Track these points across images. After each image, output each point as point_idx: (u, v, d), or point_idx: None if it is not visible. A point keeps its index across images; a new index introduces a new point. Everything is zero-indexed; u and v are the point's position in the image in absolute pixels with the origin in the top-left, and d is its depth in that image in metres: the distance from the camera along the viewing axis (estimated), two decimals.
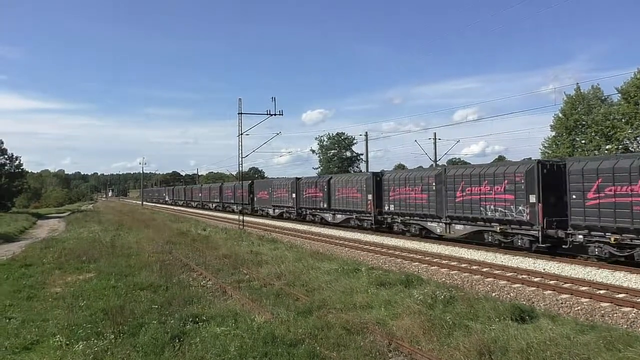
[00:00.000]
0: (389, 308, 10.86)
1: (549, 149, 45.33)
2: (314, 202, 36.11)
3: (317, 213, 36.15)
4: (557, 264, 17.02)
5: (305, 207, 37.96)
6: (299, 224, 37.37)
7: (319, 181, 35.53)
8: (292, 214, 40.15)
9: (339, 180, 32.81)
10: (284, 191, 41.37)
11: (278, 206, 43.10)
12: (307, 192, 37.18)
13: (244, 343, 8.50)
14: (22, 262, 19.60)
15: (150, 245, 23.22)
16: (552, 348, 7.84)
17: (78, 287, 14.40)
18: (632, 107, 38.01)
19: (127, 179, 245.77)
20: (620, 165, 15.65)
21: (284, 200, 41.49)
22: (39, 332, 9.90)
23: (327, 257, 18.63)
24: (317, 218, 36.36)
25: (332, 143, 78.13)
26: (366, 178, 29.19)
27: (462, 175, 21.79)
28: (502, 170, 19.85)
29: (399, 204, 26.08)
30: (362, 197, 29.31)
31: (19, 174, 68.29)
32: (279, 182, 43.28)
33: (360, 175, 32.00)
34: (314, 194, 35.94)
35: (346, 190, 31.23)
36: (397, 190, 26.20)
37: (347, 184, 31.22)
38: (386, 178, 27.55)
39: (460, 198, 21.71)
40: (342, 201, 31.80)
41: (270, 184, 45.47)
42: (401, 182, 26.00)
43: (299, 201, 38.65)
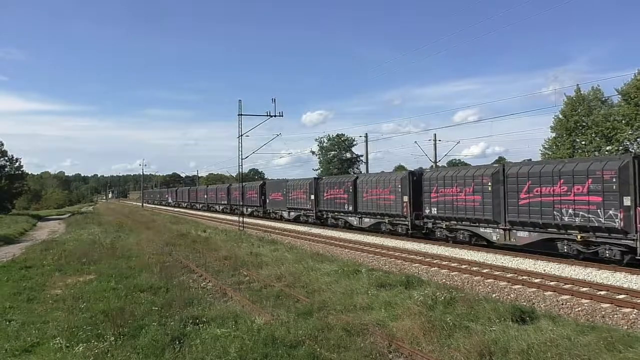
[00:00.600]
0: (389, 309, 10.86)
1: (549, 150, 45.35)
2: (336, 205, 33.00)
3: (341, 216, 33.01)
4: (557, 265, 17.01)
5: (326, 209, 34.77)
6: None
7: (343, 181, 32.37)
8: (311, 217, 36.95)
9: (367, 180, 29.61)
10: (301, 192, 38.05)
11: (294, 209, 39.82)
12: (328, 194, 34.04)
13: (244, 345, 8.50)
14: (22, 264, 19.60)
15: (150, 247, 23.23)
16: (552, 349, 7.83)
17: (78, 289, 14.40)
18: (632, 109, 38.03)
19: (127, 180, 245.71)
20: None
21: (301, 202, 38.19)
22: (39, 334, 9.90)
23: (327, 259, 18.63)
24: (340, 222, 33.27)
25: (332, 144, 78.15)
26: (401, 177, 26.27)
27: (528, 173, 18.69)
28: (585, 167, 16.83)
29: (443, 207, 22.97)
30: (395, 199, 26.31)
31: (19, 175, 68.27)
32: (296, 183, 39.74)
33: (393, 174, 28.94)
34: (336, 196, 32.83)
35: (376, 191, 28.08)
36: (440, 191, 23.09)
37: (378, 184, 28.06)
38: (427, 177, 24.46)
39: (526, 200, 18.61)
40: (371, 203, 28.75)
41: (284, 184, 41.96)
42: (447, 181, 22.81)
43: (319, 203, 35.52)
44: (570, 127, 42.99)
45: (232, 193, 57.45)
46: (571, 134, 43.17)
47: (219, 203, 63.83)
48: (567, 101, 43.69)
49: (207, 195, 69.59)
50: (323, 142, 78.50)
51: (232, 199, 57.37)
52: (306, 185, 37.29)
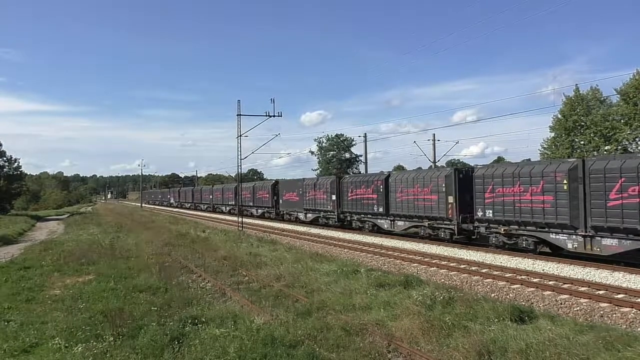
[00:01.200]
0: (388, 309, 10.86)
1: (548, 149, 45.36)
2: (363, 206, 29.62)
3: (368, 219, 29.66)
4: (556, 265, 17.02)
5: (350, 211, 31.29)
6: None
7: (372, 180, 28.88)
8: (332, 219, 33.60)
9: (403, 179, 26.20)
10: (321, 192, 34.66)
11: (312, 210, 36.40)
12: (353, 194, 30.60)
13: (244, 344, 8.50)
14: (21, 264, 19.60)
15: (149, 247, 23.22)
16: (551, 348, 7.84)
17: (77, 289, 14.39)
18: (631, 108, 38.06)
19: (126, 181, 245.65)
20: None
21: (321, 202, 34.79)
22: (37, 335, 9.90)
23: (326, 259, 18.64)
24: (366, 225, 29.98)
25: (331, 144, 78.10)
26: (446, 175, 23.08)
27: (620, 169, 15.64)
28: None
29: (500, 209, 19.80)
30: (438, 200, 23.32)
31: (18, 176, 68.28)
32: (314, 182, 36.43)
33: (435, 171, 25.48)
34: (363, 196, 29.49)
35: (414, 191, 24.94)
36: (498, 190, 19.89)
37: (416, 183, 24.92)
38: (479, 175, 21.00)
39: (617, 202, 15.63)
40: (407, 204, 25.49)
41: (301, 184, 38.45)
42: (506, 179, 19.56)
43: (342, 204, 32.13)
44: (569, 126, 43.00)
45: (241, 193, 54.80)
46: (570, 133, 43.18)
47: (225, 204, 60.42)
48: (566, 101, 43.72)
49: (213, 196, 66.13)
50: (322, 142, 78.49)
51: (241, 200, 54.74)
52: (327, 185, 33.96)
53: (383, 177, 28.06)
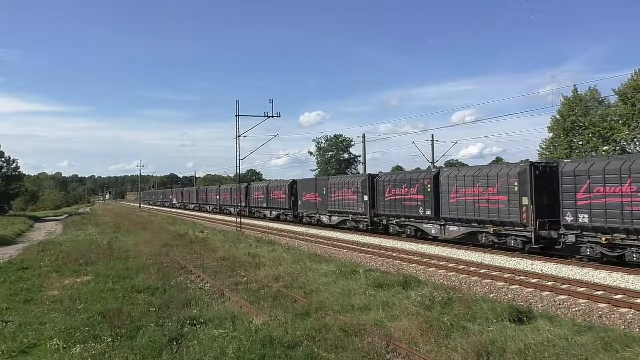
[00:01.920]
0: (387, 310, 10.86)
1: (546, 150, 45.43)
2: (405, 208, 25.95)
3: (411, 223, 25.93)
4: (554, 265, 17.04)
5: (387, 214, 27.61)
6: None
7: (418, 178, 25.25)
8: (363, 222, 30.03)
9: (458, 176, 22.44)
10: (350, 193, 31.05)
11: (338, 212, 32.82)
12: (392, 194, 26.90)
13: (242, 345, 8.49)
14: (20, 265, 19.57)
15: (148, 248, 23.20)
16: (550, 349, 7.85)
17: (75, 290, 14.38)
18: (629, 109, 38.13)
19: (125, 181, 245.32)
20: None
21: (349, 204, 31.21)
22: (36, 336, 9.89)
23: (325, 259, 18.63)
24: (409, 230, 26.29)
25: (330, 145, 78.26)
26: (519, 172, 19.29)
27: None
28: None
29: (601, 213, 16.27)
30: (508, 201, 19.64)
31: (17, 176, 68.23)
32: (341, 181, 32.88)
33: (503, 167, 21.03)
34: (405, 197, 25.80)
35: (474, 191, 21.27)
36: (597, 190, 16.38)
37: (477, 182, 21.14)
38: (568, 171, 17.41)
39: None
40: (465, 207, 21.78)
41: (325, 183, 34.89)
42: (610, 176, 16.05)
43: (377, 206, 28.43)
44: (567, 127, 43.06)
45: (253, 194, 49.90)
46: (568, 134, 43.24)
47: (235, 205, 54.19)
48: (564, 101, 43.79)
49: (220, 197, 61.61)
50: (321, 143, 78.64)
51: (253, 201, 49.71)
52: (357, 184, 30.38)
53: (432, 174, 24.50)
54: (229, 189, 57.77)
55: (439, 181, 23.65)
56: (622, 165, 15.94)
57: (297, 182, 40.85)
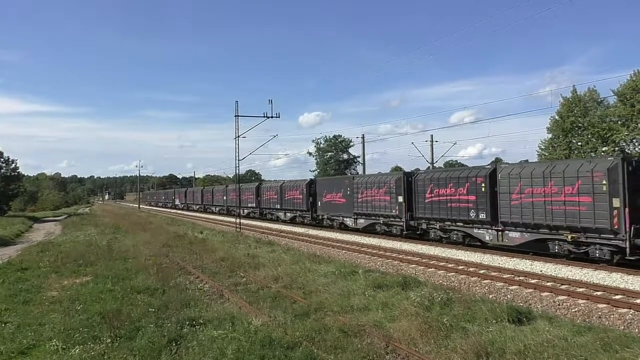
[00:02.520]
0: (386, 310, 10.86)
1: (545, 151, 45.50)
2: (451, 211, 22.54)
3: (458, 228, 22.52)
4: (554, 266, 17.04)
5: (427, 216, 24.38)
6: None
7: (468, 176, 21.75)
8: (397, 226, 26.82)
9: (521, 174, 19.12)
10: (381, 193, 27.69)
11: (366, 214, 29.55)
12: (434, 194, 23.68)
13: (241, 346, 8.48)
14: (18, 265, 19.53)
15: (147, 249, 23.18)
16: (549, 350, 7.85)
17: (74, 290, 14.35)
18: (628, 110, 38.19)
19: (124, 182, 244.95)
20: None
21: (380, 205, 27.80)
22: (35, 337, 9.87)
23: (324, 260, 18.62)
24: (455, 235, 22.87)
25: (329, 145, 78.29)
26: (608, 168, 16.17)
27: None
28: None
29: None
30: (592, 203, 16.51)
31: (16, 177, 68.20)
32: (369, 180, 29.39)
33: (583, 162, 17.62)
34: (453, 197, 22.44)
35: (543, 190, 18.13)
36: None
37: (549, 179, 18.02)
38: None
39: None
40: (532, 210, 18.53)
41: (349, 182, 31.63)
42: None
43: (414, 208, 25.19)
44: (566, 128, 43.12)
45: (264, 194, 46.68)
46: (567, 134, 43.30)
47: (243, 206, 51.27)
48: (563, 102, 43.85)
49: (227, 197, 58.09)
50: (320, 143, 78.65)
51: (264, 201, 46.64)
52: (390, 183, 27.04)
53: (486, 172, 21.18)
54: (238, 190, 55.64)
55: (496, 179, 20.28)
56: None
57: (316, 181, 38.07)
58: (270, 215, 45.48)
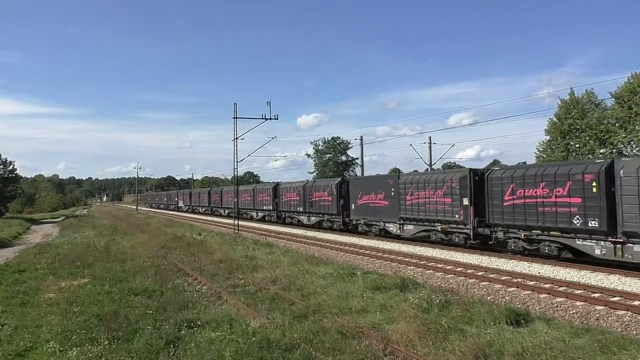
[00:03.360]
0: (384, 312, 10.86)
1: (543, 153, 45.53)
2: (543, 216, 18.14)
3: (552, 238, 18.20)
4: (551, 268, 17.06)
5: (506, 223, 19.81)
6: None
7: (568, 173, 17.51)
8: (460, 233, 22.21)
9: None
10: (439, 194, 23.24)
11: (416, 220, 24.96)
12: (516, 196, 19.17)
13: (239, 348, 8.48)
14: (16, 267, 19.50)
15: (145, 250, 23.14)
16: (547, 351, 7.86)
17: (72, 292, 14.32)
18: (625, 112, 38.25)
19: (122, 183, 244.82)
20: None
21: (438, 209, 23.24)
22: (32, 339, 9.84)
23: (322, 262, 18.61)
24: (547, 247, 18.44)
25: (328, 147, 78.23)
26: None
27: None
28: None
29: None
30: None
31: (13, 178, 68.00)
32: (423, 179, 24.64)
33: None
34: (545, 200, 18.11)
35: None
36: None
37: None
38: None
39: None
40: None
41: (393, 182, 27.04)
42: None
43: (488, 212, 20.58)
44: (564, 130, 43.18)
45: (283, 195, 41.49)
46: (565, 137, 43.35)
47: (258, 209, 47.61)
48: (561, 104, 43.92)
49: (241, 199, 51.59)
50: (318, 145, 78.62)
51: (283, 203, 41.62)
52: (451, 182, 22.57)
53: (598, 167, 16.70)
54: (251, 190, 49.80)
55: (614, 178, 16.10)
56: None
57: (349, 180, 33.69)
58: (291, 219, 40.73)
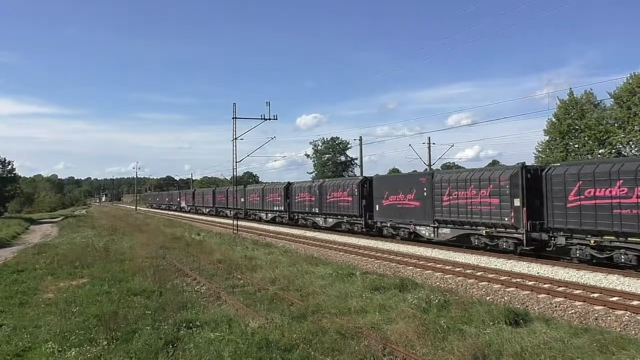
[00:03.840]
0: (383, 312, 10.86)
1: (542, 153, 45.59)
2: (628, 219, 15.37)
3: None
4: (550, 268, 17.06)
5: (570, 227, 17.13)
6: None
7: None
8: (509, 238, 19.58)
9: None
10: (483, 193, 20.49)
11: (453, 222, 22.35)
12: (583, 195, 16.60)
13: (238, 348, 8.47)
14: (14, 267, 19.46)
15: (143, 250, 23.11)
16: (546, 351, 7.86)
17: (71, 292, 14.30)
18: (624, 112, 38.32)
19: (121, 183, 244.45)
20: None
21: (483, 211, 20.51)
22: (30, 339, 9.82)
23: (321, 262, 18.62)
24: (622, 255, 15.84)
25: (327, 147, 78.35)
26: None
27: None
28: None
29: None
30: None
31: (12, 178, 67.94)
32: (463, 177, 21.86)
33: None
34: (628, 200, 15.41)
35: None
36: None
37: None
38: None
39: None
40: None
41: (429, 180, 23.99)
42: None
43: (546, 214, 17.97)
44: (563, 130, 43.25)
45: (296, 195, 38.84)
46: (564, 137, 43.42)
47: (267, 209, 44.73)
48: (560, 104, 43.98)
49: (248, 199, 50.21)
50: (318, 146, 78.68)
51: (296, 204, 38.94)
52: (498, 181, 19.77)
53: None
54: (259, 190, 46.90)
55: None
56: None
57: (373, 179, 30.20)
58: (304, 221, 37.88)
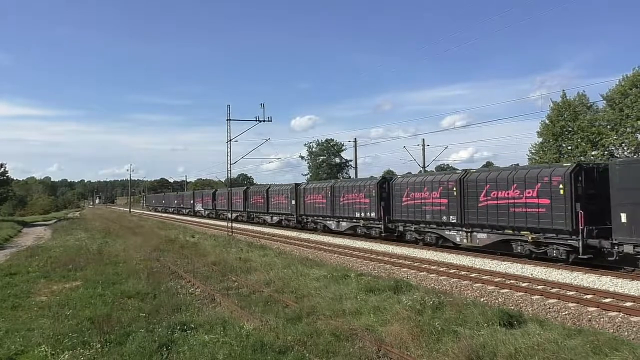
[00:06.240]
0: (378, 314, 10.87)
1: (536, 155, 45.79)
2: None
3: None
4: (544, 269, 17.14)
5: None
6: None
7: None
8: (562, 246, 17.35)
9: None
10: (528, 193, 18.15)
11: (493, 227, 20.02)
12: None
13: (233, 350, 8.46)
14: (7, 270, 19.33)
15: (138, 253, 23.03)
16: (539, 353, 7.89)
17: (64, 295, 14.23)
18: (617, 114, 38.55)
19: (115, 186, 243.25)
20: None
21: (529, 213, 18.15)
22: (23, 342, 9.76)
23: (316, 264, 18.61)
24: None
25: (321, 149, 78.24)
26: None
27: None
28: None
29: None
30: None
31: (4, 181, 67.52)
32: (502, 176, 19.49)
33: None
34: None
35: None
36: None
37: None
38: None
39: None
40: None
41: (459, 181, 21.69)
42: None
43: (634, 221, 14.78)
44: (556, 132, 43.44)
45: (305, 197, 36.71)
46: (557, 139, 43.63)
47: (272, 212, 42.78)
48: (553, 106, 44.20)
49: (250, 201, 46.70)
50: (312, 147, 78.62)
51: (304, 207, 36.89)
52: (548, 179, 17.41)
53: None
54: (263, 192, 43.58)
55: None
56: None
57: (393, 180, 27.09)
58: (314, 224, 35.81)
